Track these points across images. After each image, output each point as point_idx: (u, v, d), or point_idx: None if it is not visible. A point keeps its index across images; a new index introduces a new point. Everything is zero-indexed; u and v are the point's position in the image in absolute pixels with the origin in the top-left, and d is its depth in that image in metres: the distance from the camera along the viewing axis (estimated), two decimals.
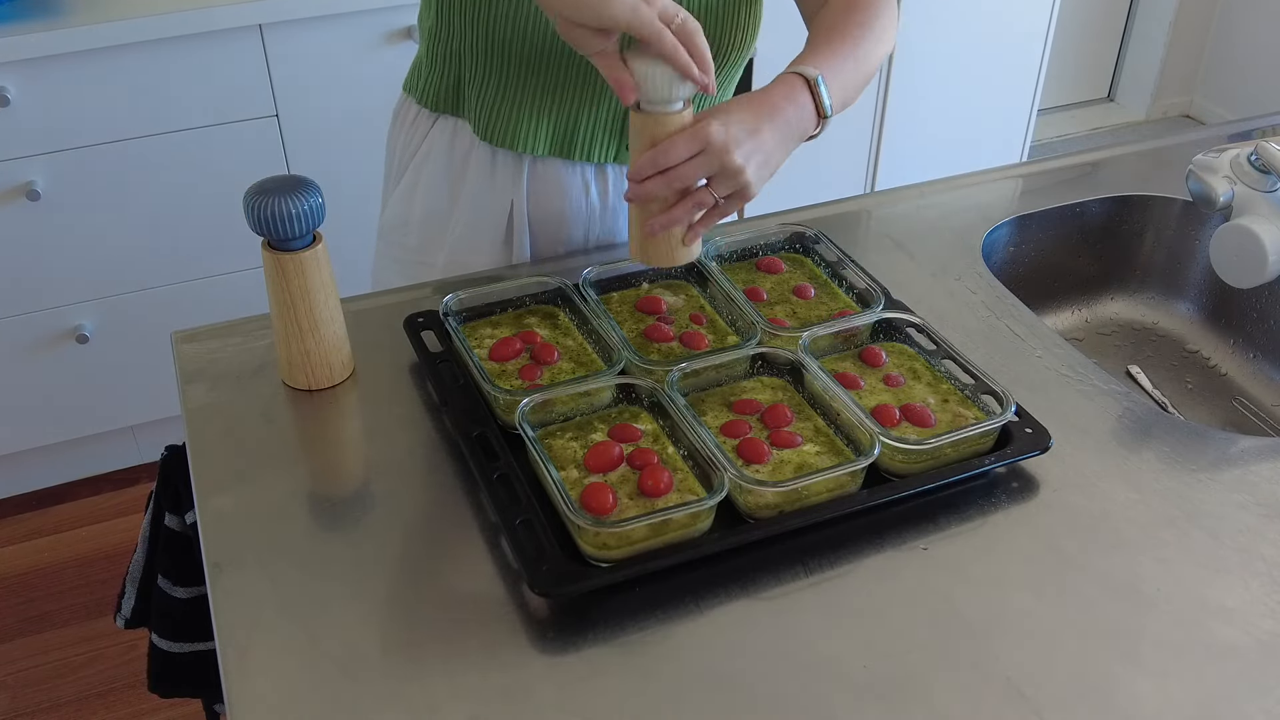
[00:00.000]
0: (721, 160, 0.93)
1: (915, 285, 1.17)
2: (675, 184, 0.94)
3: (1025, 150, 2.86)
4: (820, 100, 1.00)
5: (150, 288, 2.14)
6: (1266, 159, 1.15)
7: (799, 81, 1.00)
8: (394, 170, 1.29)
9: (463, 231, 1.23)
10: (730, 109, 0.96)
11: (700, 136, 0.93)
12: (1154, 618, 0.83)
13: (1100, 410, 1.02)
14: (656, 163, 0.93)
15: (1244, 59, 3.61)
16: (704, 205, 0.96)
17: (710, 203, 0.96)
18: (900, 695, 0.77)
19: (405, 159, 1.26)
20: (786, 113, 0.99)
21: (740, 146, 0.94)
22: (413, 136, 1.25)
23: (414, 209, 1.26)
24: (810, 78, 1.00)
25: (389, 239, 1.31)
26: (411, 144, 1.25)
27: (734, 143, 0.94)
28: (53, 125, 1.92)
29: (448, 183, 1.23)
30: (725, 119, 0.94)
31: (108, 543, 2.22)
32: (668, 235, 0.97)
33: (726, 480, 0.85)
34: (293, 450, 0.97)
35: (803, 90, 1.00)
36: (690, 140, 0.93)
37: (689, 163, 0.93)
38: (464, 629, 0.81)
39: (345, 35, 2.03)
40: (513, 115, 1.15)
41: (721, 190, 0.95)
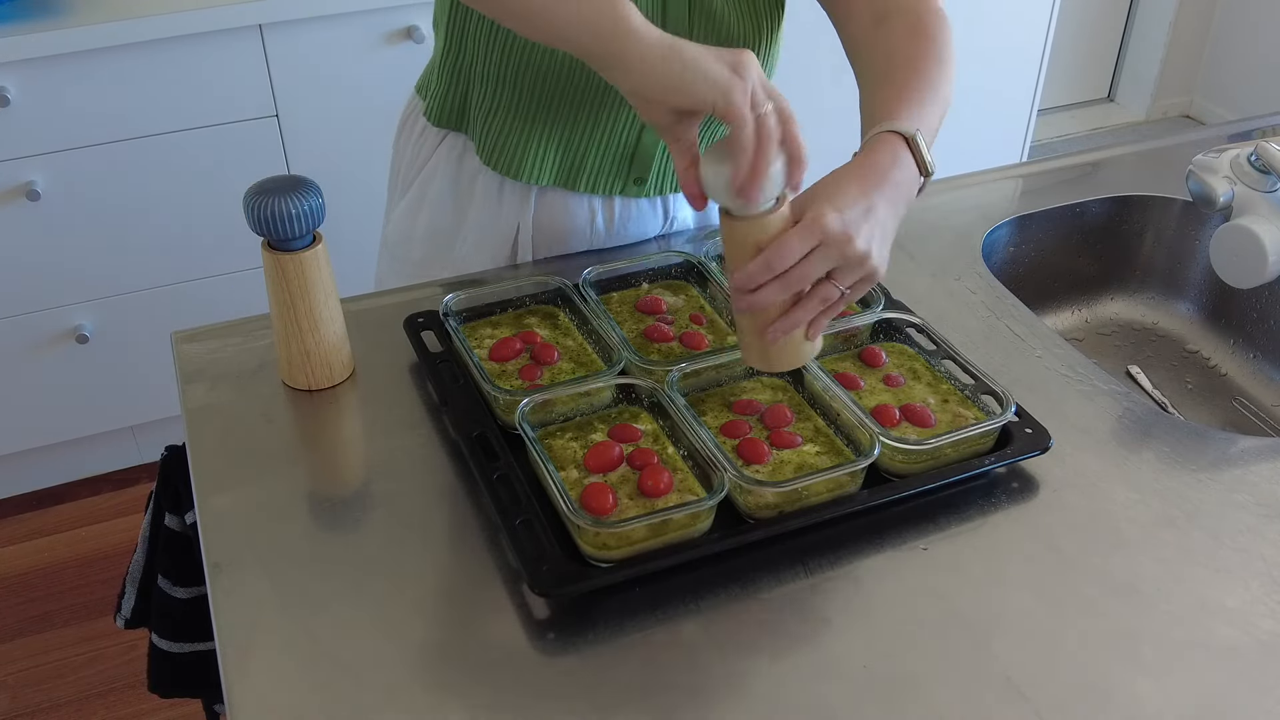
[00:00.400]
0: (843, 251, 0.84)
1: (915, 285, 1.17)
2: (794, 286, 0.84)
3: (1025, 150, 2.86)
4: (921, 158, 0.92)
5: (150, 288, 2.14)
6: (1266, 159, 1.15)
7: (899, 142, 0.91)
8: (400, 179, 1.28)
9: (468, 250, 1.22)
10: (836, 190, 0.86)
11: (815, 229, 0.83)
12: (1154, 618, 0.83)
13: (1100, 410, 1.02)
14: (771, 266, 0.83)
15: (1244, 59, 3.61)
16: (829, 300, 0.87)
17: (836, 296, 0.87)
18: (900, 695, 0.77)
19: (412, 171, 1.25)
20: (894, 178, 0.89)
21: (859, 231, 0.85)
22: (421, 148, 1.23)
23: (419, 225, 1.25)
24: (909, 135, 0.91)
25: (393, 251, 1.30)
26: (420, 156, 1.24)
27: (853, 228, 0.84)
28: (53, 125, 1.92)
29: (454, 202, 1.21)
30: (836, 201, 0.85)
31: (108, 543, 2.22)
32: (789, 337, 0.89)
33: (726, 480, 0.85)
34: (293, 450, 0.97)
35: (904, 150, 0.91)
36: (805, 236, 0.83)
37: (807, 260, 0.84)
38: (464, 629, 0.81)
39: (345, 35, 2.03)
40: (519, 144, 1.13)
41: (847, 281, 0.87)
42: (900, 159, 0.91)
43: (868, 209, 0.86)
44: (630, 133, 1.13)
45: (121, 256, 2.09)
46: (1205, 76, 3.75)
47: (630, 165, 1.16)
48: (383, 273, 1.32)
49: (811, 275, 0.85)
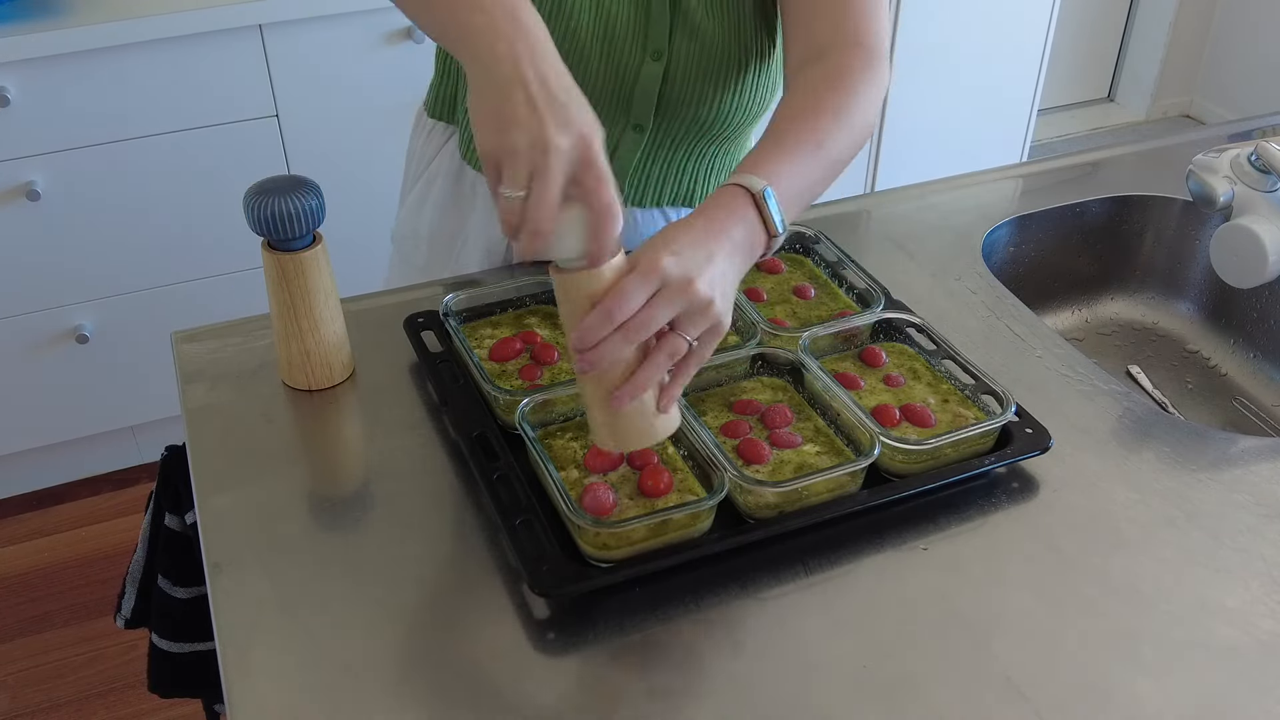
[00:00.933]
0: (687, 295, 0.77)
1: (915, 285, 1.17)
2: (637, 336, 0.76)
3: (1025, 150, 2.86)
4: (768, 216, 0.85)
5: (150, 288, 2.14)
6: (1266, 159, 1.15)
7: (743, 196, 0.85)
8: (410, 176, 1.29)
9: (468, 253, 1.23)
10: (672, 235, 0.80)
11: (653, 272, 0.76)
12: (1154, 617, 0.83)
13: (1100, 410, 1.02)
14: (611, 317, 0.75)
15: (1244, 59, 3.61)
16: (678, 353, 0.79)
17: (684, 349, 0.79)
18: (900, 695, 0.77)
19: (419, 169, 1.26)
20: (734, 233, 0.83)
21: (701, 274, 0.78)
22: (427, 147, 1.24)
23: (422, 225, 1.26)
24: (755, 191, 0.85)
25: (400, 249, 1.31)
26: (425, 155, 1.24)
27: (695, 270, 0.78)
28: (53, 125, 1.92)
29: (455, 205, 1.22)
30: (672, 246, 0.78)
31: (108, 543, 2.22)
32: (639, 405, 0.80)
33: (726, 480, 0.85)
34: (293, 450, 0.97)
35: (747, 206, 0.85)
36: (643, 279, 0.76)
37: (649, 306, 0.76)
38: (464, 629, 0.81)
39: (345, 35, 2.03)
40: None
41: (692, 330, 0.79)
42: (739, 214, 0.84)
43: (708, 255, 0.80)
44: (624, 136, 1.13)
45: (121, 256, 2.09)
46: (1205, 76, 3.75)
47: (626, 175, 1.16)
48: (393, 268, 1.33)
49: (654, 322, 0.77)
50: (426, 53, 2.10)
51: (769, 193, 0.85)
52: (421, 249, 1.26)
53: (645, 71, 1.08)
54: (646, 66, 1.08)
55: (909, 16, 2.51)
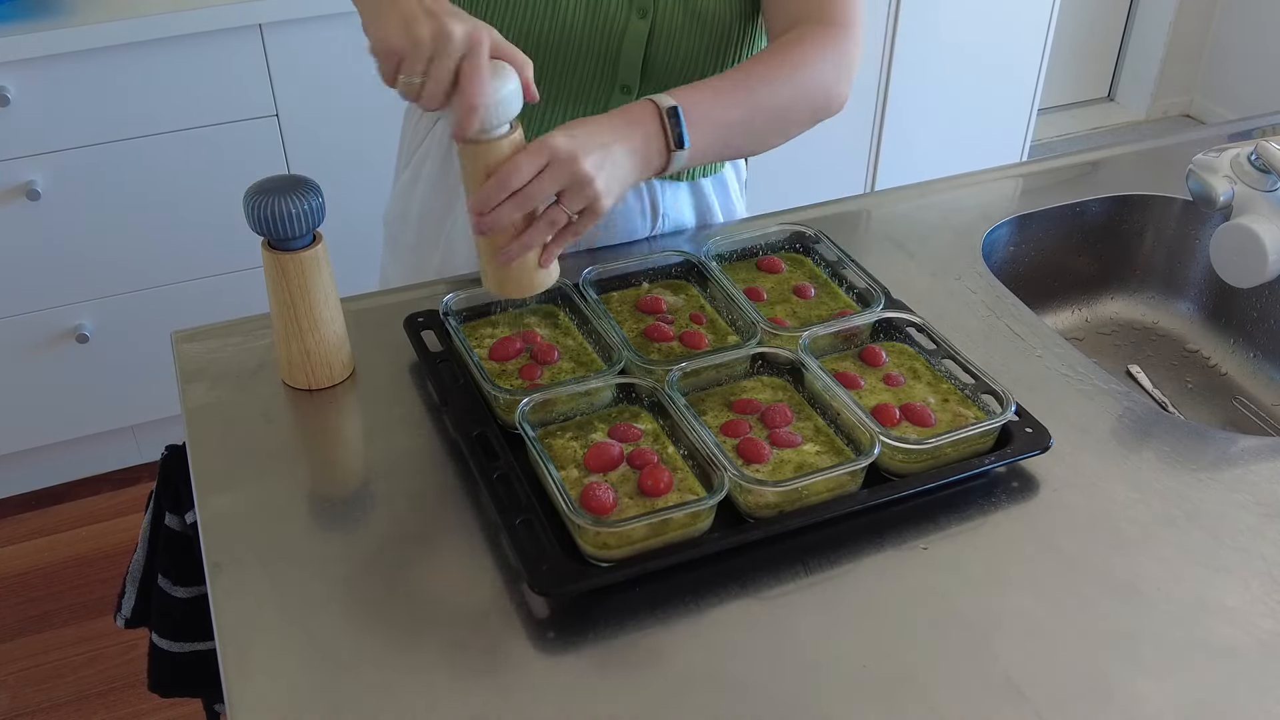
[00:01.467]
0: (571, 170, 0.88)
1: (915, 285, 1.17)
2: (526, 205, 0.88)
3: (1025, 150, 2.86)
4: (670, 130, 0.95)
5: (150, 288, 2.14)
6: (1266, 158, 1.15)
7: (650, 111, 0.95)
8: (401, 159, 1.30)
9: (457, 232, 1.23)
10: (570, 125, 0.92)
11: (545, 149, 0.88)
12: (1154, 617, 0.83)
13: (1100, 410, 1.02)
14: (505, 184, 0.87)
15: (1244, 59, 3.61)
16: (557, 224, 0.90)
17: (563, 220, 0.90)
18: (900, 695, 0.77)
19: (410, 152, 1.27)
20: (632, 136, 0.93)
21: (589, 155, 0.89)
22: (418, 129, 1.25)
23: (412, 205, 1.26)
24: (663, 107, 0.95)
25: (390, 231, 1.32)
26: (416, 137, 1.25)
27: (582, 151, 0.89)
28: (53, 125, 1.92)
29: (445, 183, 1.22)
30: (568, 131, 0.90)
31: (108, 543, 2.22)
32: (523, 262, 0.93)
33: (726, 480, 0.85)
34: (293, 450, 0.97)
35: (653, 121, 0.95)
36: (535, 155, 0.88)
37: (537, 179, 0.88)
38: (464, 628, 0.81)
39: (345, 35, 2.03)
40: None
41: (573, 204, 0.90)
42: (642, 124, 0.94)
43: (601, 142, 0.91)
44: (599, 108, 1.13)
45: (121, 256, 2.09)
46: (1205, 76, 3.75)
47: None
48: (384, 252, 1.34)
49: (541, 194, 0.88)
50: None
51: (679, 111, 0.95)
52: (411, 229, 1.27)
53: (631, 29, 1.09)
54: (632, 24, 1.09)
55: (909, 16, 2.51)
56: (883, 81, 2.59)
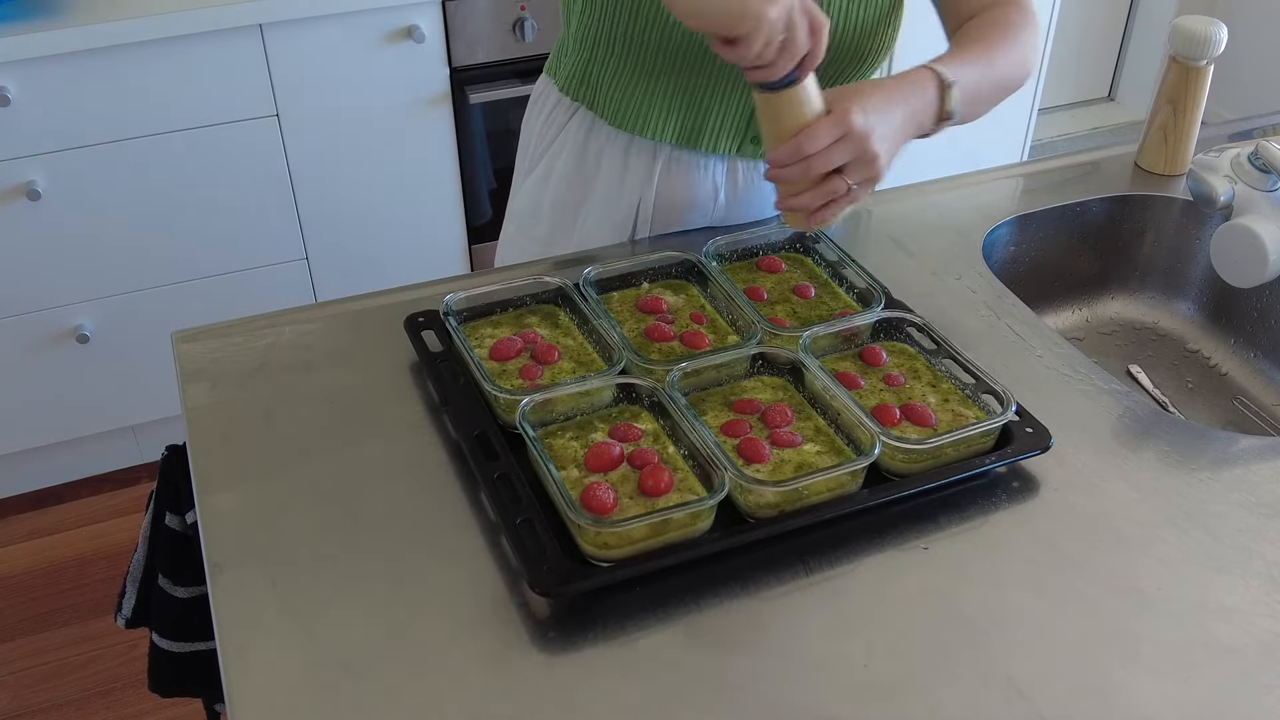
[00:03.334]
0: (861, 147, 0.96)
1: (915, 285, 1.17)
2: (814, 170, 0.97)
3: (1026, 149, 2.86)
4: (946, 102, 1.03)
5: (150, 288, 2.14)
6: (1267, 158, 1.15)
7: (932, 78, 1.03)
8: (528, 157, 1.33)
9: (591, 224, 1.26)
10: (865, 93, 0.98)
11: (843, 123, 0.95)
12: (1154, 617, 0.83)
13: (1101, 410, 1.02)
14: (800, 149, 0.95)
15: (1244, 59, 3.61)
16: (836, 194, 0.98)
17: (843, 190, 0.98)
18: (900, 695, 0.77)
19: (540, 148, 1.29)
20: (914, 103, 1.02)
21: (877, 133, 0.97)
22: (549, 127, 1.28)
23: (545, 199, 1.29)
24: (945, 80, 1.03)
25: (519, 225, 1.35)
26: (548, 134, 1.28)
27: (872, 130, 0.96)
28: (53, 125, 1.92)
29: (581, 176, 1.26)
30: (863, 104, 0.97)
31: (108, 543, 2.22)
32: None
33: (727, 480, 0.85)
34: (293, 450, 0.97)
35: (934, 87, 1.03)
36: (833, 127, 0.95)
37: (829, 149, 0.96)
38: (464, 628, 0.81)
39: (345, 35, 2.03)
40: (644, 101, 1.17)
41: (855, 176, 0.98)
42: (924, 90, 1.02)
43: (888, 116, 0.98)
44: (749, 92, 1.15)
45: (121, 256, 2.09)
46: None
47: (749, 124, 1.19)
48: (506, 246, 1.37)
49: (830, 163, 0.97)
50: (427, 53, 2.10)
51: (954, 83, 1.03)
52: (544, 222, 1.30)
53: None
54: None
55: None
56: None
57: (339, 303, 1.15)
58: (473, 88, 2.16)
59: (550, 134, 1.28)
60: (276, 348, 1.08)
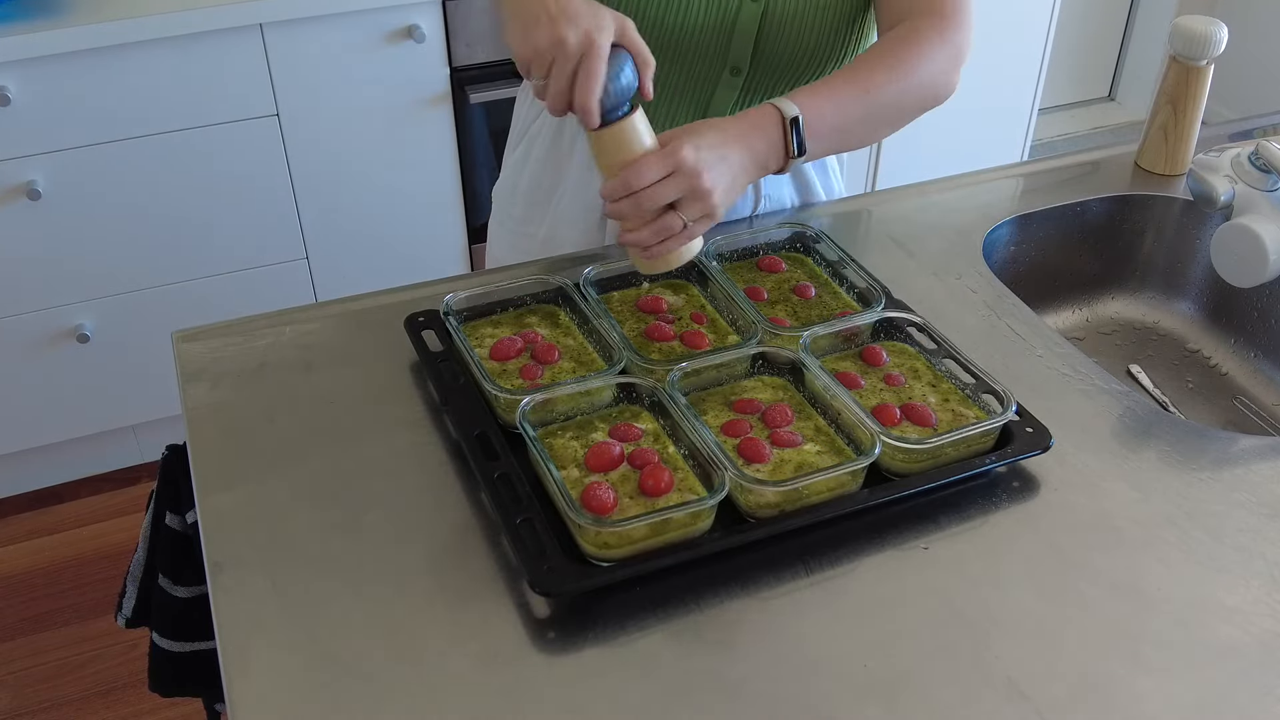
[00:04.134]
0: (692, 183, 0.94)
1: (916, 284, 1.17)
2: (645, 205, 0.94)
3: (1026, 149, 2.86)
4: (791, 140, 1.00)
5: (150, 288, 2.14)
6: (1267, 158, 1.15)
7: (774, 118, 1.00)
8: (514, 136, 1.34)
9: (565, 207, 1.27)
10: (699, 130, 0.97)
11: (672, 159, 0.93)
12: (1155, 617, 0.83)
13: (1101, 409, 1.02)
14: (628, 184, 0.93)
15: (1244, 59, 3.61)
16: (671, 231, 0.96)
17: (678, 227, 0.96)
18: (900, 695, 0.77)
19: (522, 129, 1.31)
20: (753, 141, 0.99)
21: (711, 169, 0.95)
22: (531, 108, 1.29)
23: (521, 180, 1.30)
24: (787, 116, 1.00)
25: (499, 204, 1.36)
26: (530, 115, 1.29)
27: (705, 165, 0.94)
28: (53, 125, 1.92)
29: (554, 160, 1.26)
30: (696, 141, 0.95)
31: (108, 543, 2.22)
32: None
33: (727, 480, 0.85)
34: (293, 450, 0.97)
35: (775, 128, 1.00)
36: (662, 162, 0.93)
37: (659, 184, 0.94)
38: (464, 629, 0.81)
39: (345, 35, 2.03)
40: None
41: (690, 213, 0.96)
42: (764, 129, 1.00)
43: (722, 155, 0.96)
44: (703, 92, 1.17)
45: (121, 256, 2.09)
46: None
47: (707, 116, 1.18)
48: (492, 226, 1.39)
49: (660, 198, 0.94)
50: (427, 52, 2.10)
51: (800, 120, 1.00)
52: (519, 202, 1.31)
53: (744, 12, 1.12)
54: (745, 7, 1.12)
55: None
56: None
57: (339, 303, 1.15)
58: (473, 87, 2.16)
59: (532, 115, 1.29)
60: (276, 348, 1.08)
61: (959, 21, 1.08)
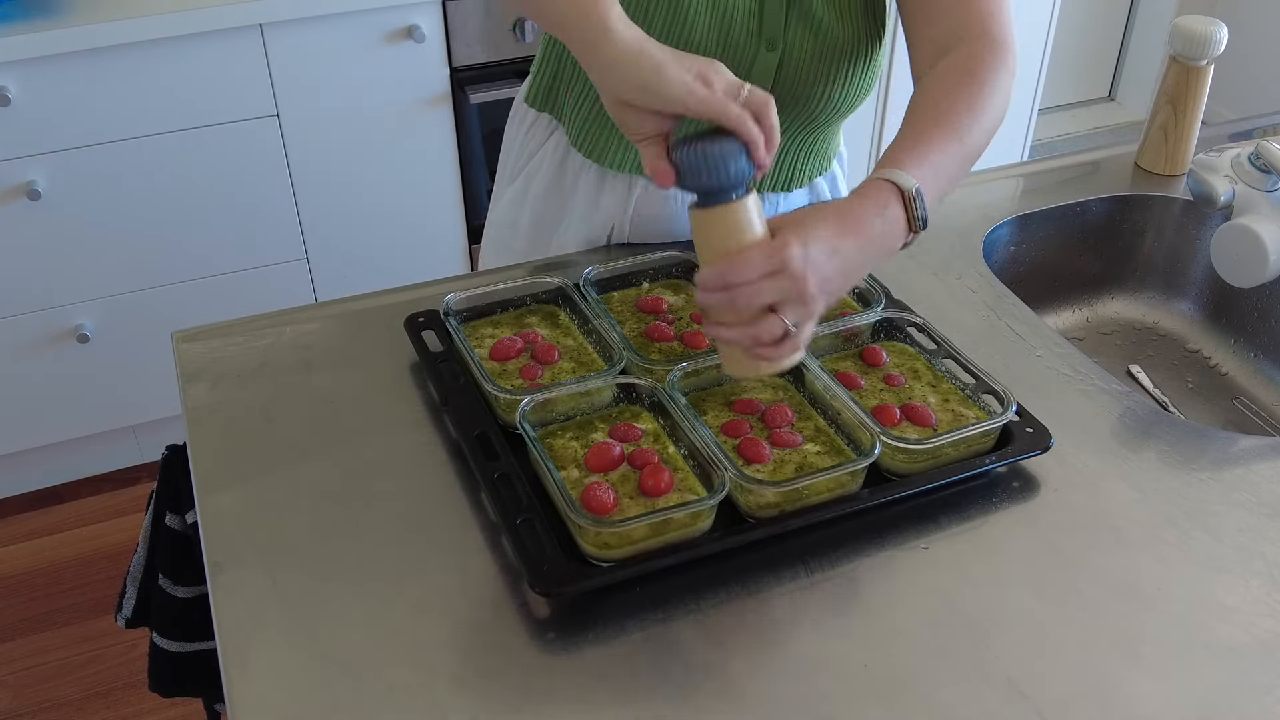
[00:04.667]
0: (797, 287, 0.83)
1: (916, 284, 1.17)
2: (740, 303, 0.84)
3: (1026, 149, 2.86)
4: (914, 214, 0.90)
5: (150, 288, 2.14)
6: (1267, 158, 1.15)
7: (893, 194, 0.90)
8: (509, 169, 1.32)
9: (569, 239, 1.25)
10: (812, 223, 0.86)
11: (778, 257, 0.83)
12: (1155, 617, 0.83)
13: (1101, 410, 1.02)
14: (725, 278, 0.83)
15: (1244, 59, 3.61)
16: (772, 335, 0.85)
17: (779, 332, 0.85)
18: (900, 695, 0.77)
19: (520, 162, 1.29)
20: (874, 227, 0.89)
21: (819, 272, 0.84)
22: (529, 141, 1.27)
23: (523, 215, 1.28)
24: (907, 191, 0.90)
25: (497, 236, 1.34)
26: (527, 148, 1.27)
27: (813, 268, 0.84)
28: (53, 125, 1.92)
29: (558, 197, 1.24)
30: (806, 236, 0.84)
31: (108, 543, 2.22)
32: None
33: (727, 480, 0.85)
34: (293, 450, 0.97)
35: (896, 205, 0.90)
36: (766, 259, 0.83)
37: (760, 283, 0.83)
38: (464, 629, 0.81)
39: (345, 35, 2.03)
40: (605, 130, 1.16)
41: (790, 315, 0.85)
42: (886, 211, 0.90)
43: (834, 250, 0.86)
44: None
45: (121, 256, 2.09)
46: None
47: None
48: (487, 253, 1.36)
49: (759, 300, 0.84)
50: (427, 52, 2.10)
51: (919, 191, 0.90)
52: (522, 236, 1.29)
53: (760, 62, 1.09)
54: (761, 57, 1.09)
55: None
56: (883, 81, 2.59)
57: (339, 303, 1.15)
58: (473, 88, 2.16)
59: (530, 148, 1.26)
60: (276, 348, 1.08)
61: (1008, 43, 1.03)
